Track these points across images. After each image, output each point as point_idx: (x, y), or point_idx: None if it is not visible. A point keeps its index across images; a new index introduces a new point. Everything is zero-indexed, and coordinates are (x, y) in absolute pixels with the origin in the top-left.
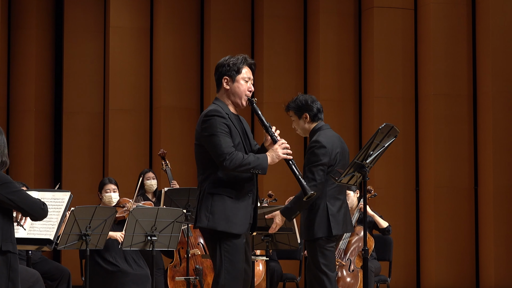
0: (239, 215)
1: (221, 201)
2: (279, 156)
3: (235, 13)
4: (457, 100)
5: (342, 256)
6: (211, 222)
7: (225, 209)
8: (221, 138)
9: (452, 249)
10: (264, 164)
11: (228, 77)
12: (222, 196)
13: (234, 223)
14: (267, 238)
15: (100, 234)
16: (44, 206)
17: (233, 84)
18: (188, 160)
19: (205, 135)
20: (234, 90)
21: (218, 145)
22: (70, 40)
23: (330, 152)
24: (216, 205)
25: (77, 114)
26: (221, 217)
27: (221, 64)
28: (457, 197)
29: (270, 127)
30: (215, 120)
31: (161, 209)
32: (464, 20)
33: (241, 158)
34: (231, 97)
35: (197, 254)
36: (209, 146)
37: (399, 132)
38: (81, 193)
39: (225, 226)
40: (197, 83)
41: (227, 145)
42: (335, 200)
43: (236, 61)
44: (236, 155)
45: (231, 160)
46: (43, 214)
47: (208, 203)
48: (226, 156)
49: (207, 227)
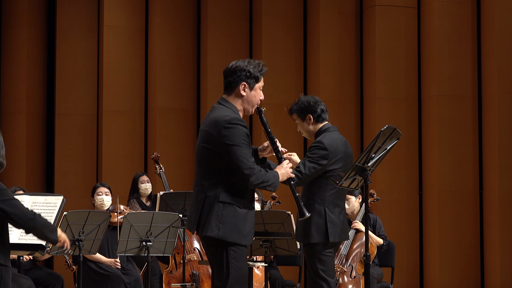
0: (247, 226)
1: (232, 211)
2: (288, 174)
3: (232, 12)
4: (462, 101)
5: (343, 262)
6: (222, 232)
7: (236, 220)
8: (245, 151)
9: (457, 254)
10: (277, 182)
11: (247, 84)
12: (233, 206)
13: (244, 235)
14: (265, 244)
15: (93, 239)
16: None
17: (250, 92)
18: (184, 163)
19: (227, 144)
20: (250, 98)
21: (243, 158)
22: (63, 39)
23: (330, 156)
24: (228, 215)
25: (70, 115)
26: (232, 227)
27: (241, 68)
28: (461, 201)
29: (276, 142)
30: (239, 130)
31: (157, 214)
32: (469, 19)
33: (263, 176)
34: (244, 104)
35: (194, 260)
36: (231, 157)
37: (401, 134)
38: (74, 197)
39: (235, 238)
40: (194, 83)
41: (251, 159)
42: (334, 206)
43: (256, 68)
44: (260, 172)
45: (257, 177)
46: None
47: (219, 212)
48: (253, 171)
49: (218, 237)
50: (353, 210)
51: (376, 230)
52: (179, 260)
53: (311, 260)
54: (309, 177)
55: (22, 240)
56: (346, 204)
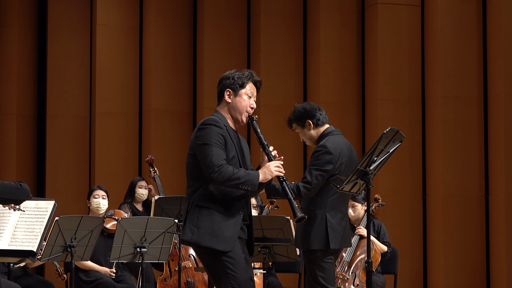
0: (227, 231)
1: (209, 216)
2: (271, 173)
3: (230, 10)
4: (467, 103)
5: (346, 269)
6: (195, 237)
7: (212, 224)
8: (213, 148)
9: (462, 261)
10: (255, 181)
11: (231, 90)
12: (210, 210)
13: (220, 239)
14: (264, 250)
15: (86, 246)
16: (21, 185)
17: (235, 98)
18: (179, 166)
19: (198, 144)
20: (235, 105)
21: (209, 155)
22: (54, 38)
23: (335, 160)
24: (203, 219)
25: (61, 117)
26: (206, 231)
27: (226, 76)
28: (466, 205)
29: (267, 146)
30: (211, 129)
31: (151, 219)
32: (474, 17)
33: (230, 172)
34: (231, 111)
35: (189, 267)
36: (200, 155)
37: (405, 136)
38: (66, 201)
39: (209, 242)
40: (190, 84)
41: (218, 157)
42: (336, 212)
43: (242, 75)
44: (226, 169)
45: (220, 173)
46: (24, 193)
47: (194, 216)
48: (215, 168)
49: (191, 241)
50: (358, 218)
51: (381, 236)
52: (174, 267)
53: (311, 267)
54: (318, 186)
55: (12, 247)
56: (352, 211)
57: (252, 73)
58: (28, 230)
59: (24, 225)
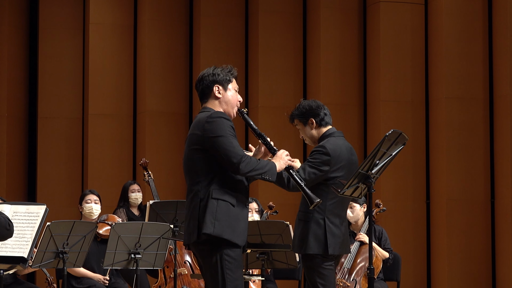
0: (241, 225)
1: (226, 209)
2: (286, 162)
3: (227, 8)
4: (472, 104)
5: (346, 276)
6: (218, 229)
7: (230, 217)
8: (232, 140)
9: (466, 268)
10: (275, 171)
11: (220, 85)
12: (227, 203)
13: (238, 233)
14: (262, 256)
15: (78, 252)
16: (10, 225)
17: (225, 92)
18: (175, 170)
19: (212, 137)
20: (227, 99)
21: (230, 147)
22: (46, 38)
23: (332, 162)
24: (222, 212)
25: (53, 119)
26: (226, 224)
27: (208, 73)
28: (471, 210)
29: (265, 136)
30: (222, 121)
31: (146, 224)
32: (480, 16)
33: (255, 162)
34: (223, 106)
35: (184, 274)
36: (220, 148)
37: (408, 139)
38: (58, 206)
39: (230, 235)
40: (186, 85)
41: (239, 148)
42: (335, 217)
43: (226, 71)
44: (250, 159)
45: (247, 163)
46: (8, 235)
47: (213, 209)
48: (242, 158)
49: (214, 234)
50: (357, 219)
51: (382, 243)
52: (169, 274)
53: (310, 274)
54: (308, 183)
55: (2, 253)
56: (350, 212)
57: (232, 67)
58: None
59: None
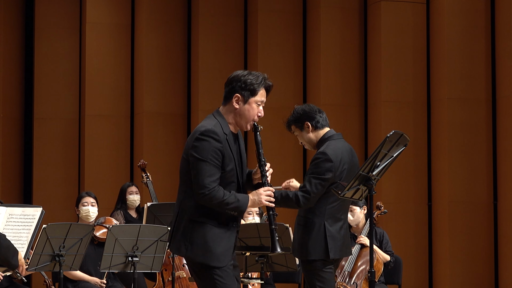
0: (221, 245)
1: (202, 230)
2: (260, 202)
3: (226, 8)
4: (474, 105)
5: (347, 279)
6: (190, 252)
7: (206, 239)
8: (208, 167)
9: (469, 271)
10: (243, 207)
11: (241, 95)
12: (204, 224)
13: (215, 255)
14: (262, 259)
15: (75, 255)
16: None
17: (244, 105)
18: (173, 171)
19: (194, 156)
20: (243, 112)
21: (202, 175)
22: (42, 37)
23: (335, 167)
24: (197, 235)
25: (49, 120)
26: (199, 247)
27: (237, 78)
28: (474, 213)
29: (264, 165)
30: (209, 143)
31: (144, 227)
32: (482, 15)
33: (221, 197)
34: (236, 118)
35: (183, 277)
36: (194, 170)
37: (409, 140)
38: (54, 208)
39: (203, 258)
40: (184, 85)
41: (211, 178)
42: (335, 220)
43: (255, 81)
44: (217, 193)
45: (210, 197)
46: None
47: (187, 231)
48: (206, 190)
49: (185, 256)
50: (358, 222)
51: (383, 246)
52: (167, 277)
53: (310, 277)
54: (317, 195)
55: None
56: (351, 215)
57: (266, 77)
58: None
59: (11, 233)
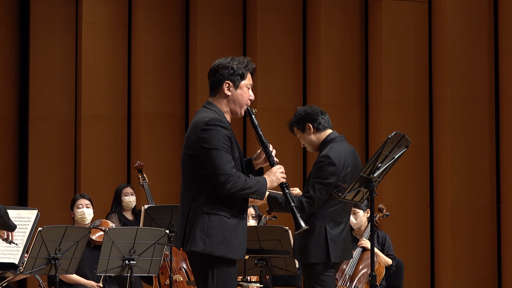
0: (238, 238)
1: (219, 222)
2: (278, 180)
3: (224, 7)
4: (477, 106)
5: (348, 283)
6: (208, 246)
7: (224, 232)
8: (223, 154)
9: (471, 274)
10: (264, 189)
11: (231, 82)
12: (219, 216)
13: (233, 248)
14: (261, 263)
15: (71, 258)
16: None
17: (236, 90)
18: (170, 173)
19: (204, 147)
20: (237, 98)
21: (219, 162)
22: (37, 37)
23: (339, 171)
24: (214, 227)
25: (45, 121)
26: (219, 240)
27: (223, 65)
28: (476, 215)
29: (268, 146)
30: (217, 131)
31: (141, 229)
32: (485, 14)
33: (243, 182)
34: (230, 105)
35: (180, 281)
36: (208, 161)
37: (411, 141)
38: (50, 210)
39: (223, 251)
40: (182, 86)
41: (229, 164)
42: (336, 224)
43: (241, 64)
44: (238, 178)
45: (234, 183)
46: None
47: (204, 224)
48: (230, 177)
49: (204, 252)
50: (360, 225)
51: (385, 249)
52: (165, 281)
53: (310, 281)
54: (322, 200)
55: None
56: (354, 218)
57: (250, 60)
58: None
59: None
